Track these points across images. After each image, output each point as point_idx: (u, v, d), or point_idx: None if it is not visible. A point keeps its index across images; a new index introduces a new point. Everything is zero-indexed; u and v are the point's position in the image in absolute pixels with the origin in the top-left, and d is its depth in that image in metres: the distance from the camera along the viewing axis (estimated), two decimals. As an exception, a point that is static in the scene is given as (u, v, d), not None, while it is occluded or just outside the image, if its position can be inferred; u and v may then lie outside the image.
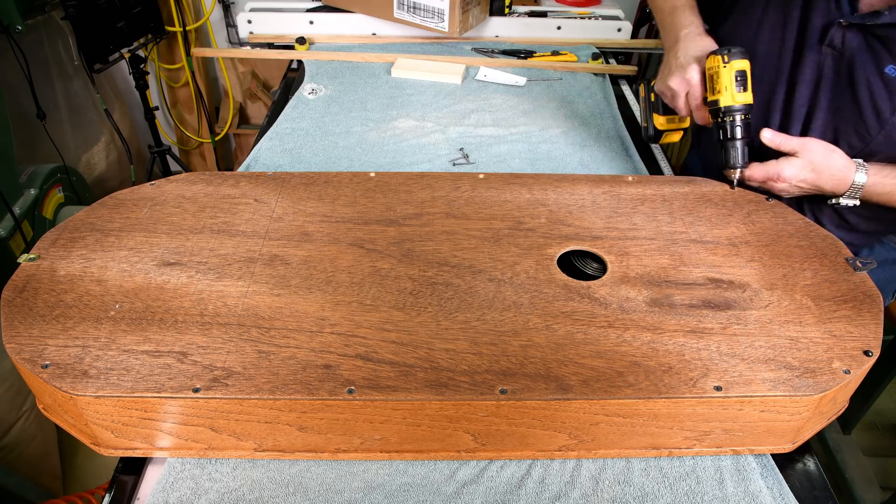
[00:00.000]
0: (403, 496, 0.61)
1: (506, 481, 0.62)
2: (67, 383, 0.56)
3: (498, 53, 1.49)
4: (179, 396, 0.56)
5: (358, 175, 0.87)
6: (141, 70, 2.00)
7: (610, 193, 0.85)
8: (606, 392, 0.58)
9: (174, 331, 0.62)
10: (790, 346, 0.62)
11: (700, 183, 0.87)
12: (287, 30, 1.55)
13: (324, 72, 1.39)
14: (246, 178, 0.85)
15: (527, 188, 0.85)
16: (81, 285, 0.67)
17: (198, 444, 0.62)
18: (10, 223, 1.54)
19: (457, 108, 1.26)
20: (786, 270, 0.72)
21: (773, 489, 0.62)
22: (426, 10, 1.42)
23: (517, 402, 0.57)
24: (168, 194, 0.81)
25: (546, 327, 0.64)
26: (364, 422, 0.59)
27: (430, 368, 0.59)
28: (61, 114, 1.99)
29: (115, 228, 0.75)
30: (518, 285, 0.69)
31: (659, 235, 0.77)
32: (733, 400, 0.58)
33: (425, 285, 0.69)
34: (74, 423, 0.62)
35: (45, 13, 1.87)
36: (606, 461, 0.64)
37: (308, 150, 1.11)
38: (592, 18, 1.58)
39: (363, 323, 0.64)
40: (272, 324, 0.63)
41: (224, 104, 2.47)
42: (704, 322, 0.65)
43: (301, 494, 0.60)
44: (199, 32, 2.31)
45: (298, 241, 0.74)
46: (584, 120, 1.24)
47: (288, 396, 0.56)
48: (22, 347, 0.60)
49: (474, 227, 0.78)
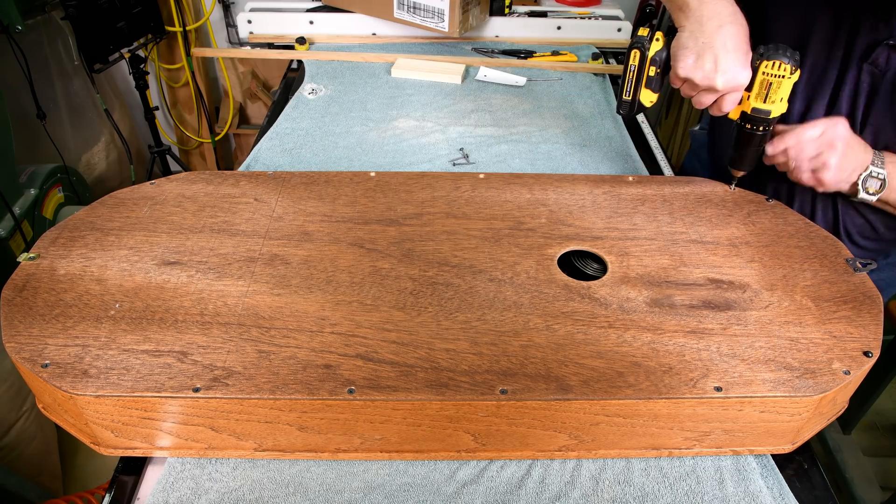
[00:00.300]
0: (403, 496, 0.61)
1: (506, 481, 0.62)
2: (67, 383, 0.56)
3: (498, 53, 1.49)
4: (179, 396, 0.56)
5: (358, 175, 0.87)
6: (141, 70, 2.00)
7: (610, 193, 0.85)
8: (607, 392, 0.58)
9: (174, 330, 0.62)
10: (790, 347, 0.62)
11: (700, 183, 0.87)
12: (287, 30, 1.55)
13: (324, 72, 1.39)
14: (246, 178, 0.85)
15: (527, 188, 0.85)
16: (81, 284, 0.67)
17: (198, 443, 0.62)
18: (10, 223, 1.54)
19: (457, 108, 1.26)
20: (786, 271, 0.72)
21: (773, 489, 0.62)
22: (426, 10, 1.42)
23: (517, 402, 0.57)
24: (168, 193, 0.81)
25: (546, 327, 0.64)
26: (364, 422, 0.59)
27: (431, 368, 0.59)
28: (61, 114, 1.99)
29: (115, 227, 0.75)
30: (518, 285, 0.69)
31: (659, 236, 0.77)
32: (733, 400, 0.58)
33: (426, 285, 0.69)
34: (74, 422, 0.62)
35: (45, 13, 1.87)
36: (606, 461, 0.64)
37: (308, 150, 1.11)
38: (592, 18, 1.58)
39: (363, 323, 0.64)
40: (272, 323, 0.63)
41: (224, 104, 2.47)
42: (705, 322, 0.65)
43: (301, 494, 0.60)
44: (199, 32, 2.31)
45: (299, 240, 0.74)
46: (584, 120, 1.24)
47: (288, 396, 0.56)
48: (22, 347, 0.60)
49: (475, 227, 0.78)
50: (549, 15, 1.59)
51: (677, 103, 2.34)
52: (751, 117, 0.77)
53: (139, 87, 2.04)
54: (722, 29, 0.73)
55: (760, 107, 0.75)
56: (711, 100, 0.77)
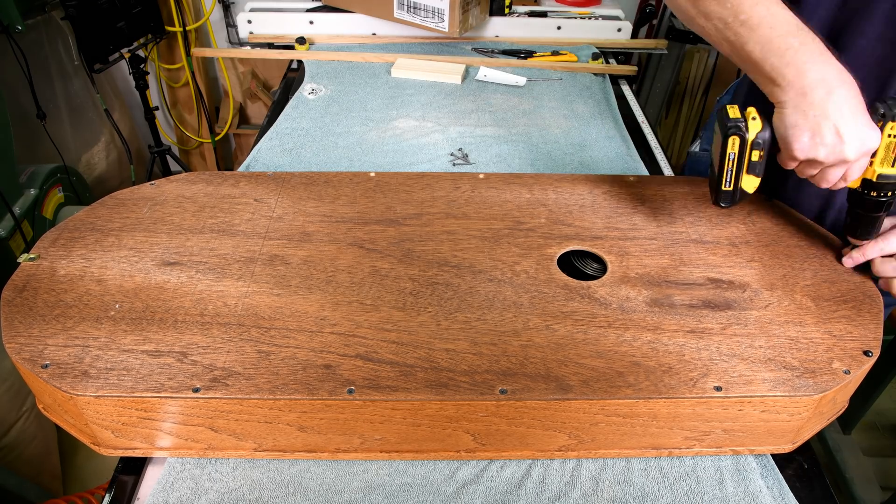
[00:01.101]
0: (403, 496, 0.61)
1: (506, 481, 0.62)
2: (67, 383, 0.56)
3: (498, 53, 1.49)
4: (179, 396, 0.56)
5: (358, 175, 0.87)
6: (141, 70, 2.00)
7: (610, 193, 0.85)
8: (606, 392, 0.58)
9: (174, 331, 0.62)
10: (790, 347, 0.62)
11: (700, 183, 0.87)
12: (287, 30, 1.55)
13: (324, 72, 1.39)
14: (246, 178, 0.85)
15: (527, 188, 0.85)
16: (81, 285, 0.67)
17: (198, 443, 0.62)
18: (10, 223, 1.54)
19: (457, 108, 1.26)
20: (786, 270, 0.72)
21: (773, 489, 0.62)
22: (426, 10, 1.42)
23: (517, 402, 0.57)
24: (168, 194, 0.81)
25: (546, 327, 0.64)
26: (364, 422, 0.59)
27: (431, 368, 0.59)
28: (61, 114, 1.99)
29: (115, 228, 0.75)
30: (518, 285, 0.69)
31: (659, 235, 0.77)
32: (733, 400, 0.58)
33: (425, 285, 0.69)
34: (74, 422, 0.62)
35: (45, 13, 1.87)
36: (606, 461, 0.64)
37: (308, 150, 1.11)
38: (592, 18, 1.58)
39: (363, 323, 0.64)
40: (272, 324, 0.63)
41: (224, 104, 2.47)
42: (704, 322, 0.65)
43: (301, 494, 0.60)
44: (199, 32, 2.31)
45: (298, 240, 0.74)
46: (584, 120, 1.24)
47: (288, 396, 0.56)
48: (22, 347, 0.60)
49: (474, 226, 0.78)
50: (549, 15, 1.59)
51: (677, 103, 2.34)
52: (877, 185, 0.66)
53: (139, 87, 2.04)
54: (832, 95, 0.60)
55: (888, 172, 0.65)
56: (840, 174, 0.65)
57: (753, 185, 0.71)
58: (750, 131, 0.67)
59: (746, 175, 0.70)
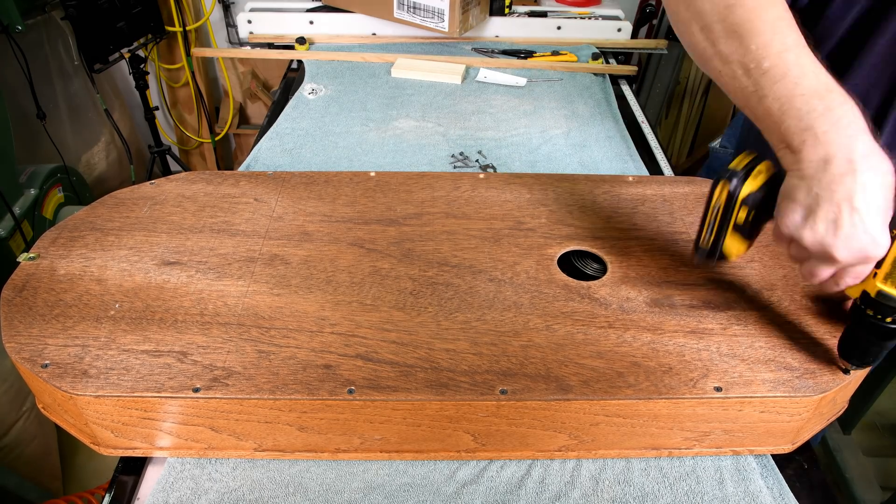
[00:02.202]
0: (403, 496, 0.61)
1: (506, 481, 0.62)
2: (67, 383, 0.56)
3: (498, 53, 1.49)
4: (179, 396, 0.56)
5: (358, 175, 0.87)
6: (141, 70, 2.00)
7: (610, 193, 0.85)
8: (606, 392, 0.58)
9: (174, 330, 0.62)
10: (790, 347, 0.62)
11: (700, 183, 0.87)
12: (287, 30, 1.55)
13: (324, 72, 1.39)
14: (246, 178, 0.85)
15: (527, 188, 0.85)
16: (81, 284, 0.67)
17: (198, 443, 0.62)
18: (10, 223, 1.54)
19: (457, 109, 1.26)
20: (786, 271, 0.72)
21: (773, 489, 0.62)
22: (426, 10, 1.42)
23: (517, 402, 0.57)
24: (168, 193, 0.81)
25: (546, 327, 0.64)
26: (364, 422, 0.59)
27: (431, 368, 0.59)
28: (61, 114, 1.99)
29: (115, 228, 0.75)
30: (518, 285, 0.69)
31: (659, 236, 0.77)
32: (733, 401, 0.58)
33: (425, 285, 0.69)
34: (74, 422, 0.62)
35: (45, 13, 1.87)
36: (606, 461, 0.64)
37: (308, 150, 1.11)
38: (592, 18, 1.58)
39: (363, 323, 0.64)
40: (272, 323, 0.63)
41: (224, 104, 2.47)
42: (704, 322, 0.65)
43: (301, 494, 0.60)
44: (199, 32, 2.31)
45: (298, 240, 0.74)
46: (585, 120, 1.24)
47: (288, 396, 0.56)
48: (22, 347, 0.60)
49: (474, 226, 0.78)
50: (549, 15, 1.59)
51: (677, 103, 2.34)
52: (875, 303, 0.53)
53: (139, 87, 2.04)
54: (850, 178, 0.49)
55: (890, 292, 0.52)
56: (827, 274, 0.54)
57: (738, 249, 0.61)
58: (744, 187, 0.57)
59: (732, 234, 0.60)
